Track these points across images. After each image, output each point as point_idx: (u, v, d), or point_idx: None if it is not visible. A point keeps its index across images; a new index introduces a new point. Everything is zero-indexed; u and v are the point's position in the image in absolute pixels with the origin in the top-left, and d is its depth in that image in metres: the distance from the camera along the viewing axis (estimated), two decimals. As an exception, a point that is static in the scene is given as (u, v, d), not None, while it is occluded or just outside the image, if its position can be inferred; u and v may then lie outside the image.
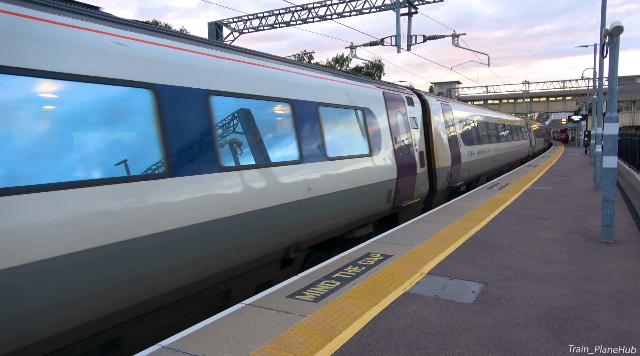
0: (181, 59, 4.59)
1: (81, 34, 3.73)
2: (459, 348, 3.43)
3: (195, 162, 4.48)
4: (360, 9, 20.60)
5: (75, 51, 3.63)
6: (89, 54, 3.72)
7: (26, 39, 3.32)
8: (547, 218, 8.63)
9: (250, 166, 5.22)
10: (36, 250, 3.18)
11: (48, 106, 3.48)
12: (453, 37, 21.75)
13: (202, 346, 3.48)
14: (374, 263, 5.63)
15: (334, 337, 3.62)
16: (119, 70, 3.93)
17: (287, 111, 6.13)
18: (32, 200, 3.20)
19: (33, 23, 3.40)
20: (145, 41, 4.30)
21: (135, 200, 3.85)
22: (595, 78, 26.16)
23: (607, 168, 6.81)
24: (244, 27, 23.59)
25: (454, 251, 6.22)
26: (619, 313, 4.08)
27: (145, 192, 3.93)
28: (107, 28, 3.99)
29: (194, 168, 4.44)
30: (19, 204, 3.13)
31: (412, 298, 4.46)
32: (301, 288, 4.75)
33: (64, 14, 3.70)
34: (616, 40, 6.59)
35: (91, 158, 3.64)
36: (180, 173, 4.28)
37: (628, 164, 17.08)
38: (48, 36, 3.47)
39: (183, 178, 4.31)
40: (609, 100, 6.82)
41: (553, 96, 66.55)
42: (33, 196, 3.21)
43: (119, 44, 4.01)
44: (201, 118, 4.65)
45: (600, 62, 14.72)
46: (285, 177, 5.72)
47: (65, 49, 3.56)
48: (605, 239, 6.77)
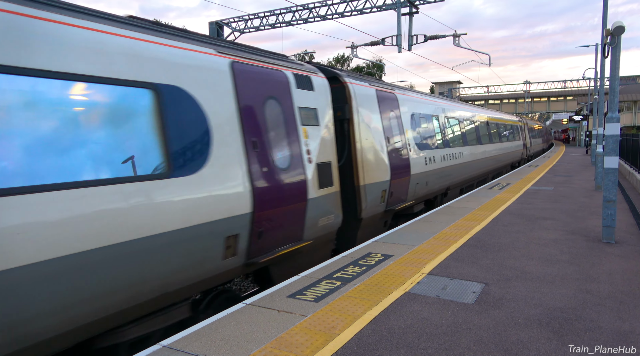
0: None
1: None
2: (459, 349, 3.43)
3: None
4: (361, 8, 20.59)
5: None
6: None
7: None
8: (548, 218, 8.62)
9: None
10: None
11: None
12: (454, 37, 21.73)
13: (202, 346, 3.49)
14: (374, 263, 5.63)
15: (334, 337, 3.62)
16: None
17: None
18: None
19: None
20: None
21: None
22: (597, 78, 26.13)
23: (608, 169, 6.80)
24: (245, 26, 23.59)
25: (454, 251, 6.22)
26: (620, 313, 4.08)
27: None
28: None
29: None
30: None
31: (412, 298, 4.46)
32: (302, 288, 4.76)
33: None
34: (617, 40, 6.58)
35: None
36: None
37: (629, 164, 17.06)
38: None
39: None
40: (610, 100, 6.81)
41: (554, 96, 66.43)
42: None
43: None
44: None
45: (602, 62, 14.70)
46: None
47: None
48: (606, 239, 6.76)
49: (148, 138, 4.19)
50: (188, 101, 4.67)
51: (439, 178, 11.63)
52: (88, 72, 3.82)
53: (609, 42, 6.68)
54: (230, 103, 5.19)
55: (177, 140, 4.43)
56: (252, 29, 23.54)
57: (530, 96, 65.53)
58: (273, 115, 5.87)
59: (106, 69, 3.95)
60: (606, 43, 6.77)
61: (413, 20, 19.67)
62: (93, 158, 3.74)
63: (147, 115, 4.25)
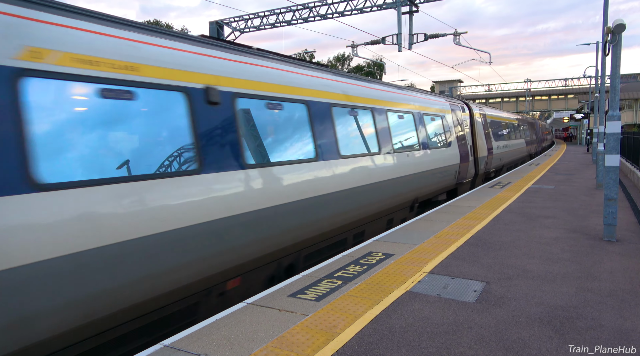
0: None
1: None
2: (460, 347, 3.43)
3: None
4: (362, 7, 20.57)
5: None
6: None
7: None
8: (549, 216, 8.61)
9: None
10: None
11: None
12: (454, 36, 21.70)
13: (204, 345, 3.49)
14: (375, 262, 5.63)
15: (335, 336, 3.62)
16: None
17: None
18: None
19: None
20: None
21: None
22: (598, 76, 26.08)
23: (609, 167, 6.79)
24: (245, 26, 23.59)
25: (455, 250, 6.22)
26: (622, 311, 4.07)
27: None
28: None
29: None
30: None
31: (413, 297, 4.46)
32: (303, 287, 4.76)
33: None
34: (618, 38, 6.56)
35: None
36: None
37: (630, 162, 17.03)
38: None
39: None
40: (611, 98, 6.80)
41: (555, 94, 66.39)
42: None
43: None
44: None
45: (603, 60, 14.68)
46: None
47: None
48: (607, 237, 6.75)
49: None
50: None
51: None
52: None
53: (609, 40, 6.66)
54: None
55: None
56: (253, 29, 23.54)
57: (531, 94, 65.46)
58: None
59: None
60: (607, 41, 6.76)
61: (413, 19, 19.66)
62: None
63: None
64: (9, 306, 2.99)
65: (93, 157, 3.69)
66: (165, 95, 4.36)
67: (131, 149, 4.05)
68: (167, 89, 4.37)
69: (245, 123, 5.33)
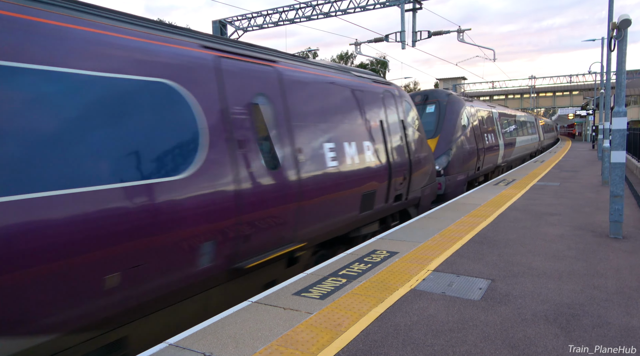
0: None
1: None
2: (466, 345, 3.42)
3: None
4: (365, 5, 20.52)
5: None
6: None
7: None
8: (554, 214, 8.57)
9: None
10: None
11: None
12: (458, 33, 21.62)
13: (209, 344, 3.49)
14: (380, 260, 5.62)
15: (340, 334, 3.62)
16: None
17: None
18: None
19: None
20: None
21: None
22: (603, 72, 25.90)
23: (615, 163, 6.74)
24: (248, 24, 23.59)
25: (460, 247, 6.20)
26: (628, 309, 4.05)
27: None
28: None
29: None
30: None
31: (418, 295, 4.45)
32: (307, 286, 4.76)
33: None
34: (624, 34, 6.51)
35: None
36: None
37: (636, 159, 16.92)
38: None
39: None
40: (617, 94, 6.75)
41: (560, 91, 65.94)
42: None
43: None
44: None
45: (608, 56, 14.59)
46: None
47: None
48: (613, 234, 6.71)
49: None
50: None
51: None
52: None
53: (615, 36, 6.61)
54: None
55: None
56: (256, 27, 23.53)
57: (535, 91, 65.07)
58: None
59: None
60: (612, 36, 6.70)
61: (417, 16, 19.60)
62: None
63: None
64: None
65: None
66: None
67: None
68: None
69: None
